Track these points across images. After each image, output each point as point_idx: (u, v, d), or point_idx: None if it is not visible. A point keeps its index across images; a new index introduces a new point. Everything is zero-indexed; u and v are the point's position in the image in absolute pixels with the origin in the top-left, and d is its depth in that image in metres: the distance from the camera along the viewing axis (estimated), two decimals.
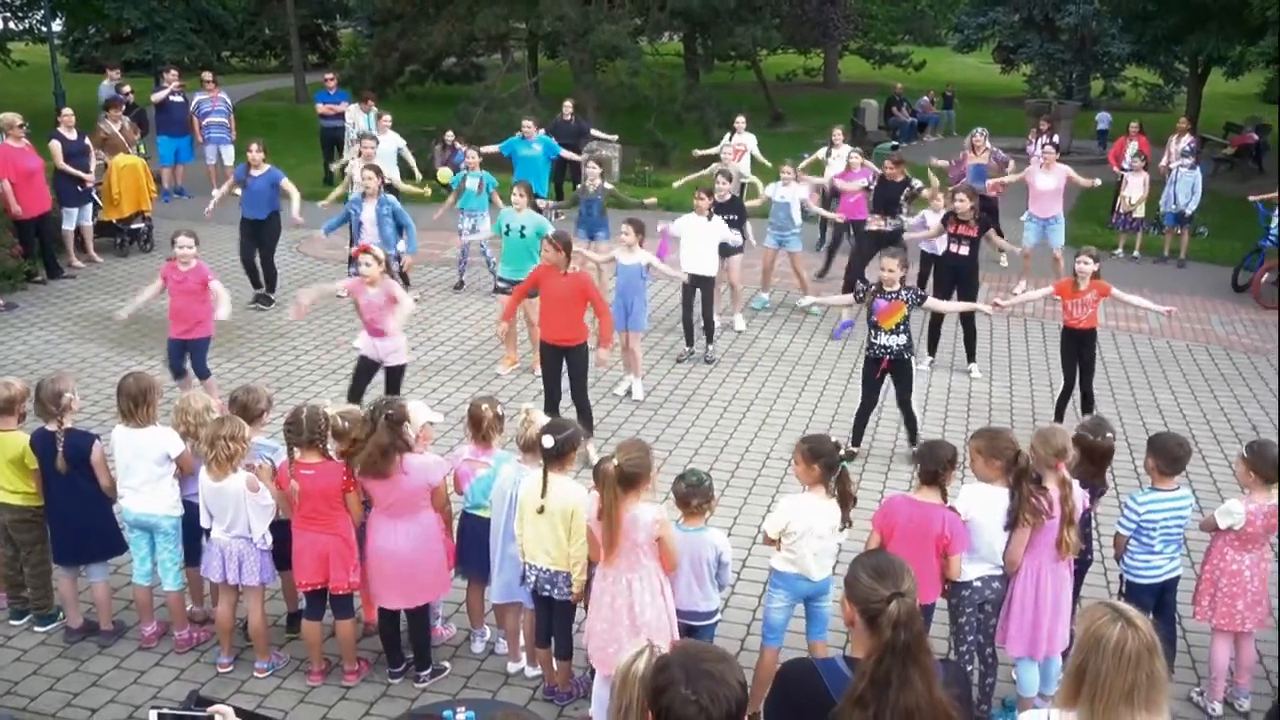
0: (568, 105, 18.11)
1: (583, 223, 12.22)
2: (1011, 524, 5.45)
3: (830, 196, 14.48)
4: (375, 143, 13.49)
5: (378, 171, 11.36)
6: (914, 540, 5.26)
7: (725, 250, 11.69)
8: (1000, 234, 11.79)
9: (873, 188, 12.71)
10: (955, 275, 10.79)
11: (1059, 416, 9.47)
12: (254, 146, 12.42)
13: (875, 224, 12.19)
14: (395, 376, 8.94)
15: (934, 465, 5.47)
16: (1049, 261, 13.66)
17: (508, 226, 10.60)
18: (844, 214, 13.26)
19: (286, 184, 12.40)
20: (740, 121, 15.81)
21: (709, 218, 10.94)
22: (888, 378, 8.91)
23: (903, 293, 8.64)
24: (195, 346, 9.40)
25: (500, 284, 10.87)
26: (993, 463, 5.49)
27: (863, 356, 9.13)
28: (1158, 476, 5.89)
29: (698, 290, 11.08)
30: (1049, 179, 13.47)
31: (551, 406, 8.75)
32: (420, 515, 5.84)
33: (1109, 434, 6.04)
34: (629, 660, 3.07)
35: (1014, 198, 15.29)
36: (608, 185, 12.32)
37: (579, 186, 12.40)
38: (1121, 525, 5.91)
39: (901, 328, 8.66)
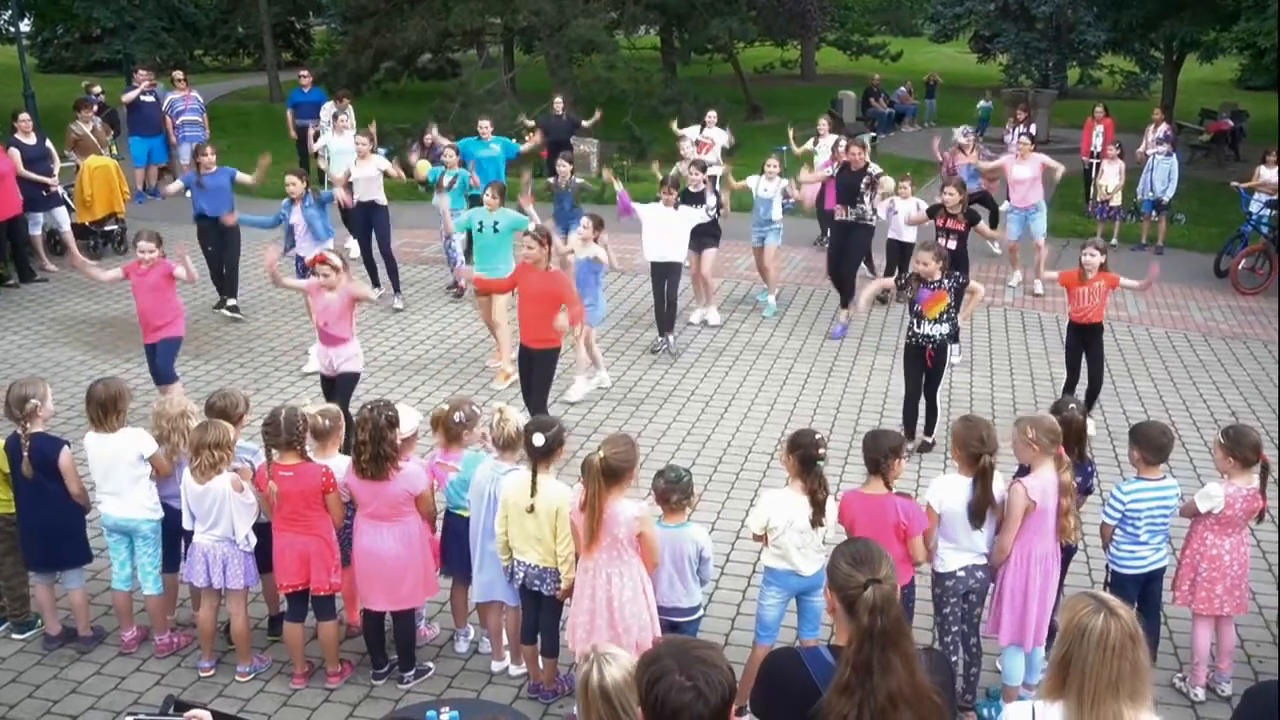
0: (558, 101, 17.94)
1: (557, 217, 12.20)
2: (972, 518, 5.44)
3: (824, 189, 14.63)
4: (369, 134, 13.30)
5: (301, 176, 11.03)
6: (874, 531, 5.23)
7: (701, 244, 11.65)
8: (994, 225, 11.75)
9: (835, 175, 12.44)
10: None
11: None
12: (209, 150, 12.18)
13: (840, 213, 12.05)
14: (347, 384, 8.49)
15: (875, 454, 5.44)
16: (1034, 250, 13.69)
17: (480, 224, 10.44)
18: (828, 205, 13.34)
19: (242, 176, 12.14)
20: (711, 116, 15.78)
21: (675, 207, 11.03)
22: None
23: (945, 281, 8.56)
24: (162, 348, 9.17)
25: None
26: (957, 451, 5.53)
27: (901, 345, 9.02)
28: (1143, 466, 5.89)
29: (665, 279, 11.11)
30: (1025, 168, 13.52)
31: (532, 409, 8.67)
32: (406, 519, 5.81)
33: (1071, 406, 6.06)
34: (584, 674, 3.06)
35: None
36: (578, 180, 12.29)
37: (551, 181, 12.36)
38: (1106, 515, 5.92)
39: (945, 316, 8.63)
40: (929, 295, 8.58)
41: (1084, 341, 9.45)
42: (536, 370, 8.78)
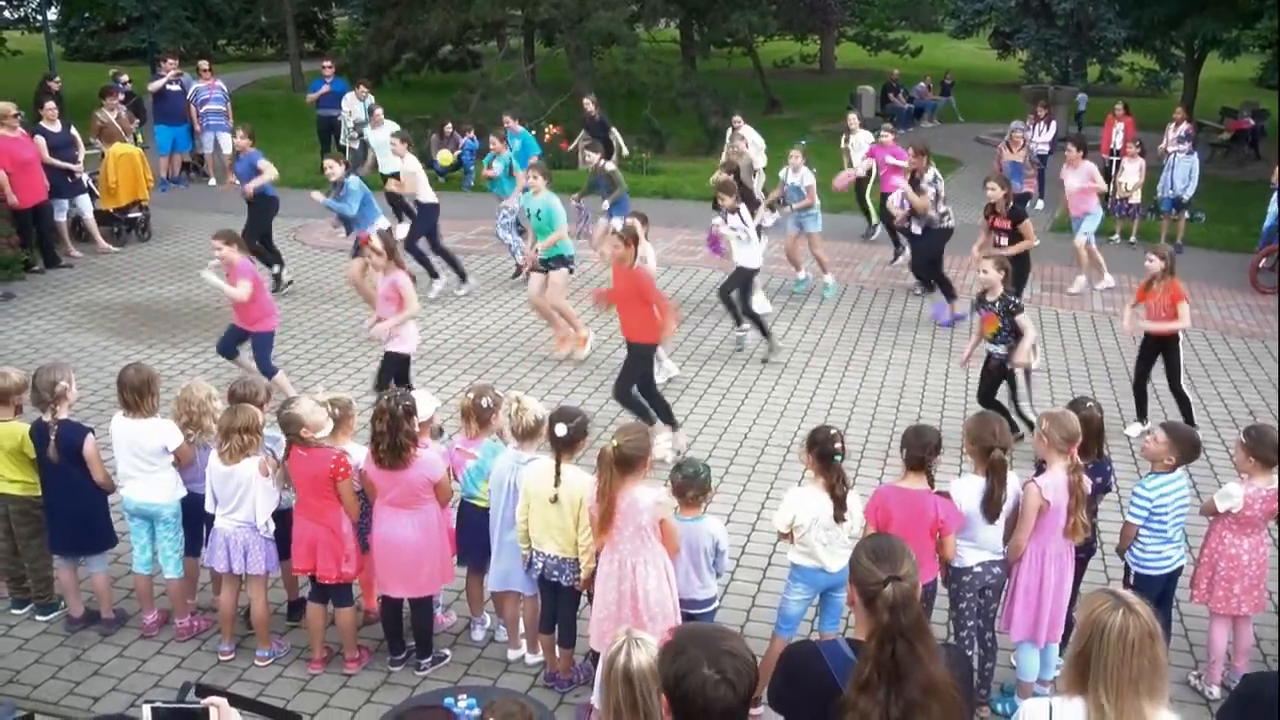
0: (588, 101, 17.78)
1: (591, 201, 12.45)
2: (987, 516, 5.46)
3: (867, 179, 15.02)
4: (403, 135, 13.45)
5: (340, 160, 11.37)
6: (909, 527, 5.26)
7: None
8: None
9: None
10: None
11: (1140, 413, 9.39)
12: (239, 133, 12.57)
13: (902, 221, 12.20)
14: (395, 365, 8.67)
15: (919, 451, 5.45)
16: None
17: (526, 211, 10.92)
18: (888, 188, 13.48)
19: (262, 163, 12.31)
20: (737, 120, 15.80)
21: (725, 218, 10.93)
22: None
23: (996, 304, 8.53)
24: (255, 342, 9.29)
25: (542, 264, 10.84)
26: (972, 448, 5.54)
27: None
28: (1163, 464, 5.86)
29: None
30: (1075, 177, 13.39)
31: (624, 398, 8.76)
32: (424, 506, 5.84)
33: (1089, 404, 6.05)
34: (611, 653, 3.09)
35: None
36: (608, 166, 12.42)
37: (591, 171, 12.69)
38: (1133, 515, 5.82)
39: (1000, 338, 8.58)
40: (983, 315, 8.66)
41: (1151, 350, 9.32)
42: (628, 359, 8.77)
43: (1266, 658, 6.35)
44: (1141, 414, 9.38)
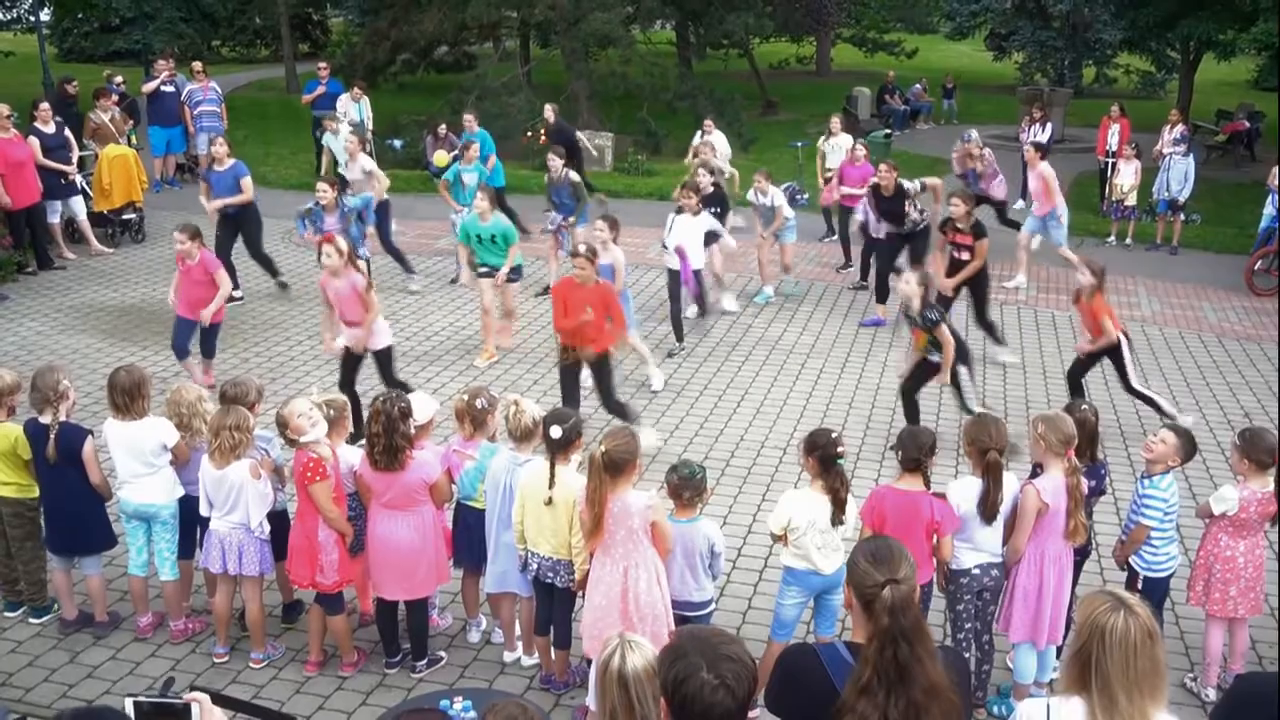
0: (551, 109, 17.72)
1: (559, 208, 12.20)
2: (984, 517, 5.46)
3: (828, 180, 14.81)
4: (360, 135, 13.36)
5: (332, 184, 11.14)
6: (905, 528, 5.27)
7: (708, 238, 11.66)
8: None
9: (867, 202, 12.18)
10: (968, 284, 10.67)
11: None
12: (218, 142, 12.26)
13: (889, 236, 12.01)
14: (384, 360, 8.80)
15: (915, 453, 5.47)
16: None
17: (478, 236, 10.48)
18: (850, 203, 13.31)
19: (245, 183, 11.97)
20: (708, 124, 15.76)
21: (695, 214, 10.99)
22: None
23: (919, 319, 8.48)
24: (206, 328, 9.69)
25: (481, 269, 10.69)
26: (970, 449, 5.56)
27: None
28: (1163, 467, 5.86)
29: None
30: (1032, 178, 13.46)
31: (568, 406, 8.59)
32: (420, 508, 5.84)
33: (1084, 407, 6.05)
34: (605, 657, 3.07)
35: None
36: (572, 176, 12.19)
37: (546, 178, 12.44)
38: (1147, 517, 5.82)
39: (930, 348, 8.59)
40: (913, 330, 8.67)
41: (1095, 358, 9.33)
42: (596, 375, 8.73)
43: (1262, 660, 6.36)
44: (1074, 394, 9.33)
